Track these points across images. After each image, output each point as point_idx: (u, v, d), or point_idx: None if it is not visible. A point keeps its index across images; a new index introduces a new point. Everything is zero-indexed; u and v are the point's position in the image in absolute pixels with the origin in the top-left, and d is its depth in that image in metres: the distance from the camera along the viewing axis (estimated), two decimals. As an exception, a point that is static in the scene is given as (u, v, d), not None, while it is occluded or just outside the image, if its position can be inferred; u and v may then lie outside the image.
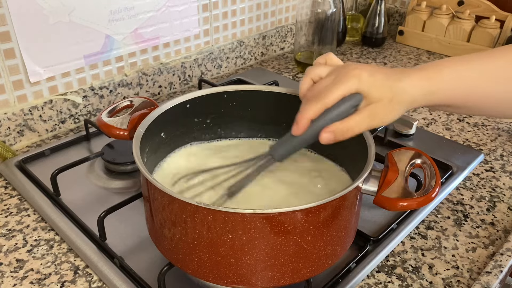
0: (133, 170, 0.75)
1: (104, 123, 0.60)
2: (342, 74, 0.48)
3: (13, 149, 0.80)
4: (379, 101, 0.48)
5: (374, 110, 0.48)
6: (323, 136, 0.48)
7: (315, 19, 1.07)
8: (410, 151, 0.54)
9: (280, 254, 0.46)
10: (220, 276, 0.48)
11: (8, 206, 0.68)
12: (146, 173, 0.47)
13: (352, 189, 0.46)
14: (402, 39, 1.33)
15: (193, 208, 0.44)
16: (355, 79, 0.47)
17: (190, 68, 1.04)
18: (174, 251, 0.50)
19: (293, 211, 0.44)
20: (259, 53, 1.21)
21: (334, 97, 0.47)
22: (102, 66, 0.89)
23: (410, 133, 0.86)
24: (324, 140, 0.48)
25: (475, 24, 1.22)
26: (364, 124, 0.48)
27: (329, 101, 0.47)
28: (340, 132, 0.48)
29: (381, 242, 0.62)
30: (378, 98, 0.48)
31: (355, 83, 0.47)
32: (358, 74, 0.47)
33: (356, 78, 0.47)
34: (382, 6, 1.25)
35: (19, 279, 0.56)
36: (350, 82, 0.47)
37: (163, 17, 0.94)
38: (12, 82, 0.78)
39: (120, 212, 0.62)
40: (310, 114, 0.48)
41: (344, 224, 0.50)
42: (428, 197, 0.48)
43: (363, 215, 0.67)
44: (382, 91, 0.48)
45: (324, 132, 0.48)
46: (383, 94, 0.48)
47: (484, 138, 0.88)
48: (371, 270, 0.58)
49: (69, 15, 0.80)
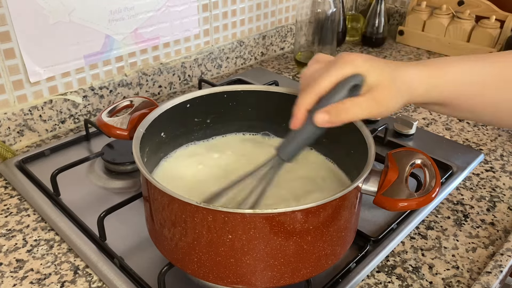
0: (133, 170, 0.75)
1: (104, 123, 0.60)
2: (336, 61, 0.46)
3: (13, 149, 0.80)
4: (379, 85, 0.45)
5: (373, 95, 0.45)
6: (318, 117, 0.45)
7: (315, 19, 1.07)
8: (410, 151, 0.53)
9: (280, 254, 0.46)
10: (220, 276, 0.48)
11: (8, 206, 0.68)
12: (146, 173, 0.47)
13: (352, 189, 0.46)
14: (402, 39, 1.33)
15: (193, 208, 0.44)
16: (348, 64, 0.45)
17: (190, 68, 1.04)
18: (174, 251, 0.50)
19: (293, 211, 0.44)
20: (259, 53, 1.21)
21: (326, 84, 0.45)
22: (102, 66, 0.89)
23: (410, 133, 0.86)
24: (319, 121, 0.45)
25: (475, 24, 1.22)
26: (363, 105, 0.45)
27: (321, 87, 0.45)
28: (336, 112, 0.45)
29: (381, 242, 0.62)
30: (378, 81, 0.45)
31: (349, 68, 0.45)
32: (352, 59, 0.45)
33: (350, 64, 0.45)
34: (382, 6, 1.25)
35: (19, 279, 0.56)
36: (344, 67, 0.45)
37: (163, 17, 0.94)
38: (12, 82, 0.78)
39: (120, 212, 0.62)
40: (305, 104, 0.46)
41: (344, 224, 0.50)
42: (428, 197, 0.48)
43: (363, 215, 0.67)
44: (380, 75, 0.46)
45: (318, 113, 0.45)
46: (382, 78, 0.46)
47: (484, 138, 0.88)
48: (371, 270, 0.58)
49: (69, 15, 0.80)
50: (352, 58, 0.46)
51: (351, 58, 0.46)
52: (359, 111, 0.45)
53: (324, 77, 0.45)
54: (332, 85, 0.45)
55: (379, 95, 0.45)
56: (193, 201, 0.43)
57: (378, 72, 0.46)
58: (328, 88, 0.45)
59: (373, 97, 0.45)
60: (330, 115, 0.45)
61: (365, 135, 0.54)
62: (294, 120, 0.47)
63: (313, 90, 0.46)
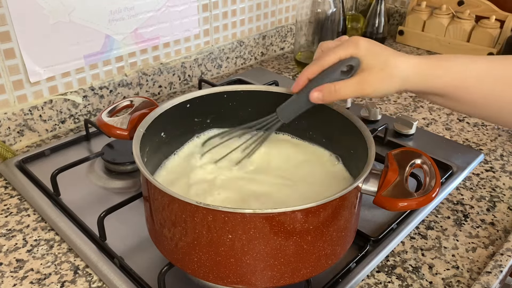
0: (133, 170, 0.75)
1: (104, 123, 0.60)
2: (345, 42, 0.53)
3: (13, 149, 0.80)
4: (371, 68, 0.51)
5: (364, 76, 0.51)
6: (313, 95, 0.52)
7: (315, 19, 1.07)
8: (410, 151, 0.53)
9: (280, 254, 0.46)
10: (220, 276, 0.48)
11: (8, 206, 0.68)
12: (146, 173, 0.47)
13: (352, 189, 0.46)
14: (402, 39, 1.33)
15: (193, 208, 0.44)
16: (353, 44, 0.52)
17: (190, 68, 1.04)
18: (174, 251, 0.50)
19: (293, 211, 0.44)
20: (259, 53, 1.21)
21: (331, 59, 0.52)
22: (102, 66, 0.89)
23: (410, 133, 0.86)
24: (313, 98, 0.52)
25: (475, 24, 1.22)
26: (352, 87, 0.51)
27: (326, 62, 0.52)
28: (328, 91, 0.52)
29: (381, 242, 0.62)
30: (371, 65, 0.51)
31: (352, 48, 0.51)
32: (356, 40, 0.52)
33: (354, 44, 0.52)
34: (382, 6, 1.25)
35: (19, 279, 0.56)
36: (348, 47, 0.52)
37: (163, 17, 0.94)
38: (12, 82, 0.78)
39: (120, 212, 0.62)
40: (308, 73, 0.53)
41: (344, 224, 0.50)
42: (428, 197, 0.48)
43: (363, 215, 0.67)
44: (375, 58, 0.51)
45: (314, 91, 0.52)
46: (376, 62, 0.51)
47: (484, 138, 0.88)
48: (371, 270, 0.58)
49: (69, 15, 0.80)
50: (357, 40, 0.52)
51: (356, 40, 0.52)
52: (348, 91, 0.52)
53: (330, 54, 0.52)
54: (336, 61, 0.52)
55: (369, 77, 0.51)
56: (192, 201, 0.43)
57: (373, 56, 0.52)
58: (331, 63, 0.52)
59: (363, 79, 0.51)
60: (323, 93, 0.52)
61: (365, 135, 0.54)
62: (294, 85, 0.55)
63: (319, 62, 0.53)
